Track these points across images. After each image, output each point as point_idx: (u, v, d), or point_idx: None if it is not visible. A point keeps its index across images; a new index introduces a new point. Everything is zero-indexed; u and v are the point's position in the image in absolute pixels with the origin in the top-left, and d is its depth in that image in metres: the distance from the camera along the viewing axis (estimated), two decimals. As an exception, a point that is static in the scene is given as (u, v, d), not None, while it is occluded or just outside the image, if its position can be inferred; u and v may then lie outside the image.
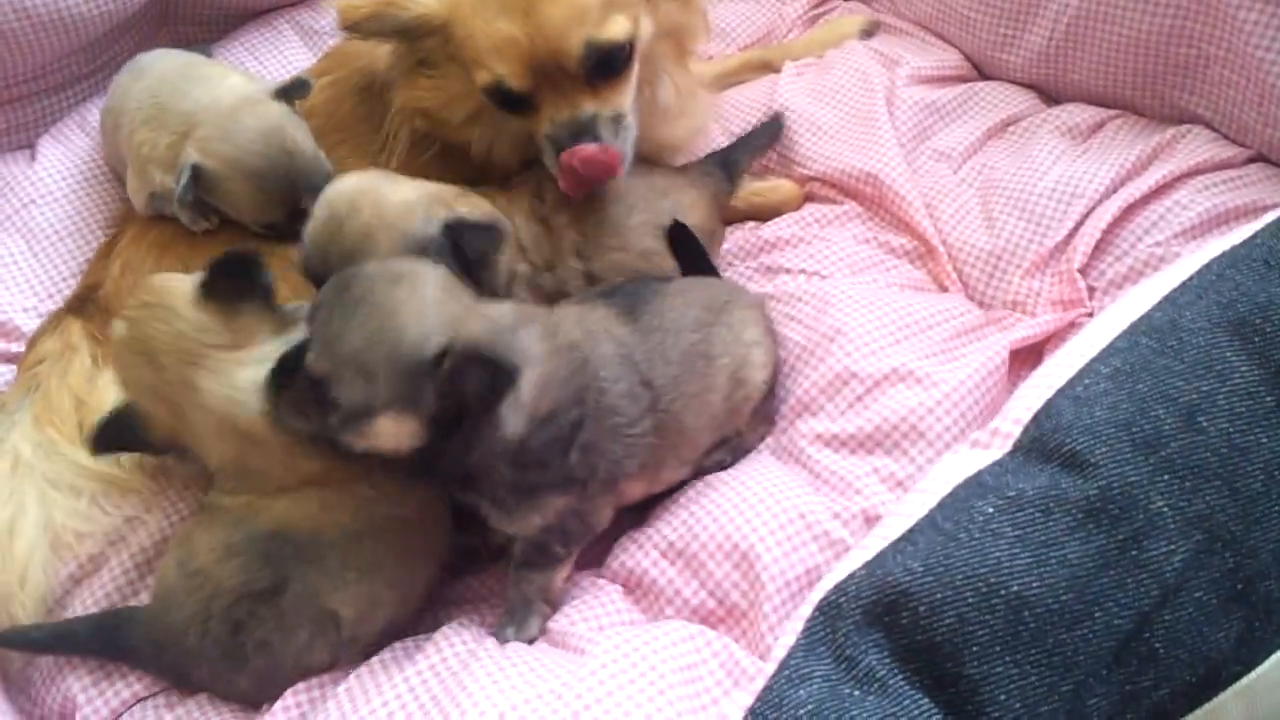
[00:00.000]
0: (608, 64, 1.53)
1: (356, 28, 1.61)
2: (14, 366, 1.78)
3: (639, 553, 1.45)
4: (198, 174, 1.66)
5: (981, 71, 2.11)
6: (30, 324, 1.83)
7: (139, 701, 1.42)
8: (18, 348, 1.80)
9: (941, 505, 1.02)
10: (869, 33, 2.21)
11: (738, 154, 1.91)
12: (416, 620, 1.46)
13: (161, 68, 1.83)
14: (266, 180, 1.66)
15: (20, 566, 1.49)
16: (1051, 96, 2.02)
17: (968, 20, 2.06)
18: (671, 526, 1.45)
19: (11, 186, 2.00)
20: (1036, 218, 1.75)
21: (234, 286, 1.41)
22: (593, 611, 1.40)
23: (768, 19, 2.33)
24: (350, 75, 1.81)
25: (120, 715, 1.42)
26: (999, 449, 1.08)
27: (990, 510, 0.98)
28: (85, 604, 1.50)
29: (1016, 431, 1.07)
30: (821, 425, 1.52)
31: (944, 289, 1.74)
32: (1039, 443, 1.04)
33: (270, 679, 1.35)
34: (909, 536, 1.00)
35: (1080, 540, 0.96)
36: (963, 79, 2.10)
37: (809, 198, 1.96)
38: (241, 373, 1.38)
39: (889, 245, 1.81)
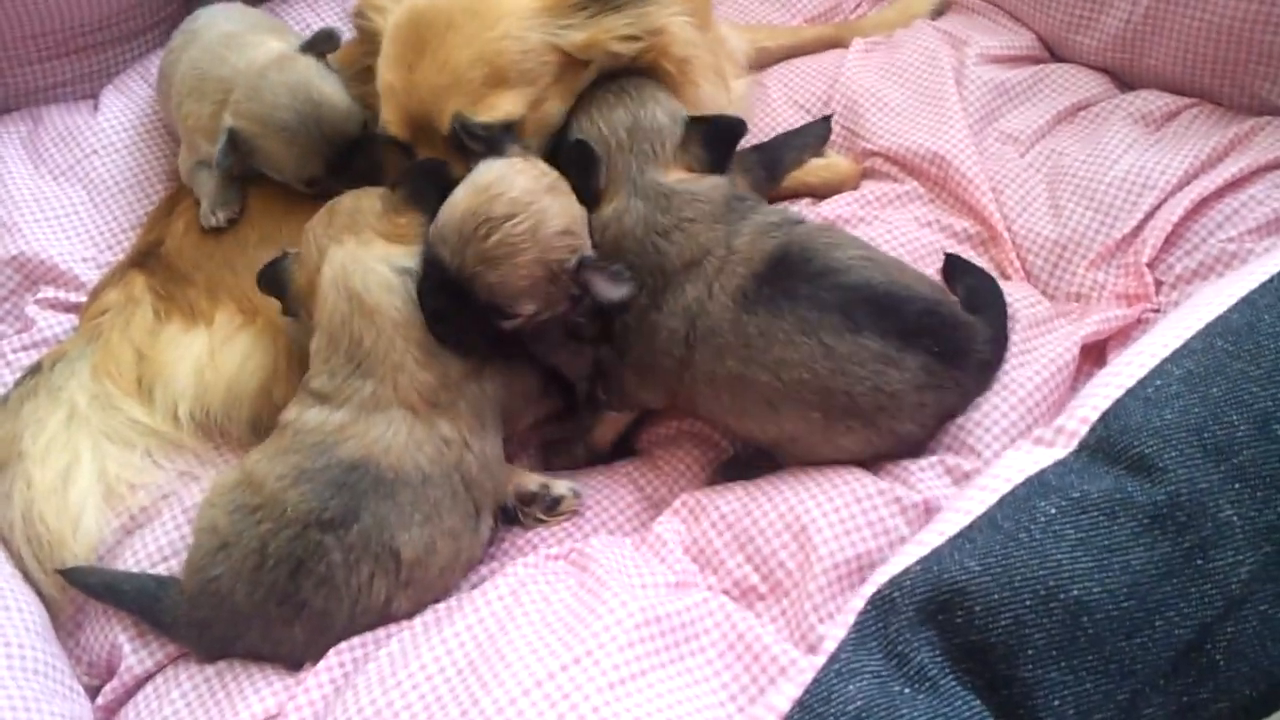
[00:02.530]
0: (483, 142, 1.48)
1: (355, 17, 1.66)
2: (73, 316, 1.80)
3: (691, 520, 1.45)
4: (234, 137, 1.66)
5: (1053, 53, 2.06)
6: (89, 274, 1.85)
7: (182, 655, 1.44)
8: (77, 297, 1.82)
9: (1002, 503, 1.00)
10: (939, 11, 2.17)
11: (781, 153, 1.83)
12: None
13: (207, 36, 1.82)
14: (297, 134, 1.65)
15: (73, 514, 1.52)
16: (1125, 82, 1.97)
17: (1042, 0, 2.01)
18: (726, 500, 1.43)
19: (75, 136, 2.02)
20: (1105, 207, 1.70)
21: (415, 192, 1.49)
22: (642, 567, 1.39)
23: (835, -5, 2.29)
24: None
25: (165, 667, 1.44)
26: (1064, 448, 1.05)
27: (1053, 511, 0.96)
28: (137, 556, 1.52)
29: (1083, 431, 1.05)
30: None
31: (1006, 277, 1.71)
32: (1106, 443, 1.01)
33: (326, 624, 1.35)
34: (967, 534, 0.98)
35: (1145, 546, 0.93)
36: (1034, 60, 2.05)
37: (869, 175, 1.92)
38: (383, 251, 1.45)
39: (951, 229, 1.78)
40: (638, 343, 1.48)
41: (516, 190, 1.38)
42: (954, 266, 1.64)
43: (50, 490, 1.52)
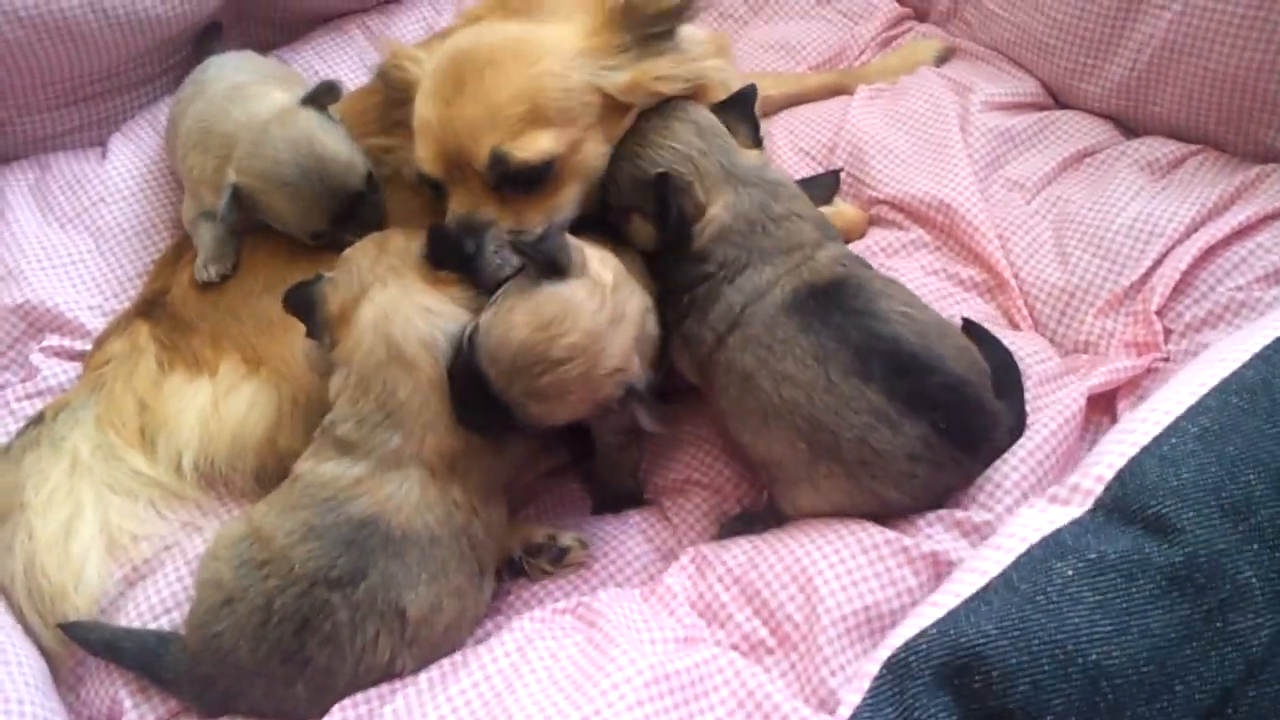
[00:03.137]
0: (517, 180, 1.48)
1: (383, 76, 1.68)
2: (77, 364, 1.79)
3: (698, 573, 1.43)
4: (237, 193, 1.65)
5: (1058, 100, 2.07)
6: (94, 322, 1.84)
7: (183, 711, 1.42)
8: (82, 345, 1.82)
9: (1018, 564, 0.99)
10: (943, 58, 2.18)
11: None
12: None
13: (214, 88, 1.83)
14: (300, 189, 1.64)
15: (75, 566, 1.51)
16: (1130, 128, 1.97)
17: (1047, 47, 2.02)
18: (733, 554, 1.42)
19: (82, 184, 2.02)
20: (1112, 255, 1.70)
21: (433, 258, 1.49)
22: (650, 622, 1.37)
23: (839, 39, 2.30)
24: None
25: (165, 720, 1.42)
26: (1079, 506, 1.04)
27: (1070, 573, 0.94)
28: (139, 608, 1.50)
29: (1098, 489, 1.03)
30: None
31: (1015, 326, 1.70)
32: (1122, 503, 1.00)
33: (330, 682, 1.33)
34: (983, 595, 0.97)
35: (1163, 609, 0.92)
36: (1038, 107, 2.06)
37: (875, 223, 1.92)
38: (427, 301, 1.45)
39: (958, 277, 1.77)
40: (697, 311, 1.49)
41: (578, 333, 1.33)
42: (971, 334, 1.59)
43: (52, 542, 1.51)
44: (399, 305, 1.44)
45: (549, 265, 1.36)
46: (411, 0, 2.40)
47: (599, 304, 1.36)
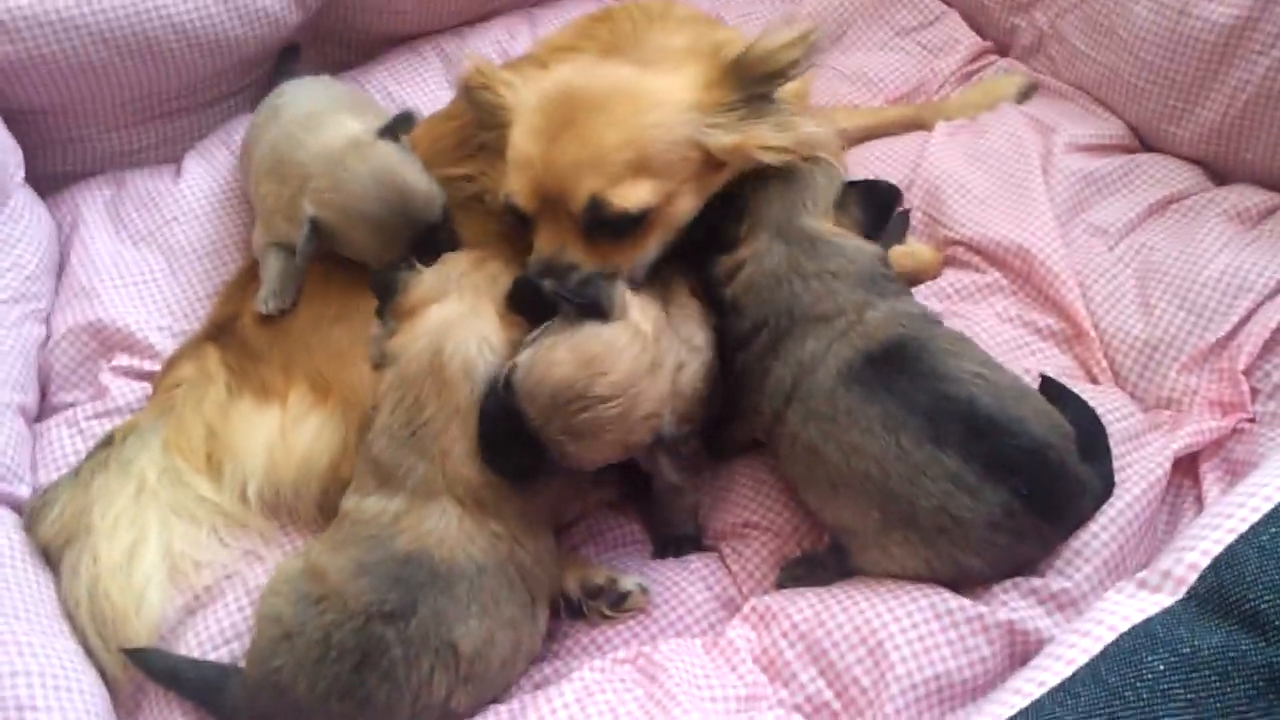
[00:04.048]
0: (612, 225, 1.47)
1: (468, 90, 1.63)
2: (146, 384, 1.80)
3: (762, 626, 1.40)
4: (316, 226, 1.65)
5: (1145, 143, 2.01)
6: (164, 342, 1.85)
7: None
8: (151, 365, 1.83)
9: (1105, 655, 0.95)
10: (1026, 95, 2.12)
11: None
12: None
13: (287, 115, 1.83)
14: (384, 223, 1.64)
15: (137, 592, 1.51)
16: (1220, 175, 1.91)
17: (1135, 89, 1.96)
18: (797, 607, 1.39)
19: (156, 202, 2.04)
20: (1198, 308, 1.65)
21: (514, 305, 1.48)
22: (712, 678, 1.35)
23: (919, 72, 2.26)
24: (466, 120, 1.78)
25: (222, 754, 1.42)
26: (1171, 595, 0.99)
27: (1161, 667, 0.90)
28: (199, 636, 1.50)
29: (1192, 578, 0.99)
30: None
31: (1093, 379, 1.65)
32: (1218, 594, 0.96)
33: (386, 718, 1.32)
34: (1069, 687, 0.93)
35: (1260, 712, 0.87)
36: (1124, 149, 2.00)
37: (950, 264, 1.88)
38: (487, 331, 1.45)
39: (1035, 325, 1.73)
40: (754, 382, 1.48)
41: (619, 373, 1.34)
42: (1050, 391, 1.53)
43: (116, 567, 1.51)
44: (461, 323, 1.45)
45: (591, 309, 1.37)
46: (486, 24, 2.40)
47: (640, 349, 1.37)
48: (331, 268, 1.73)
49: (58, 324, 1.87)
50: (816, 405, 1.41)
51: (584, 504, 1.65)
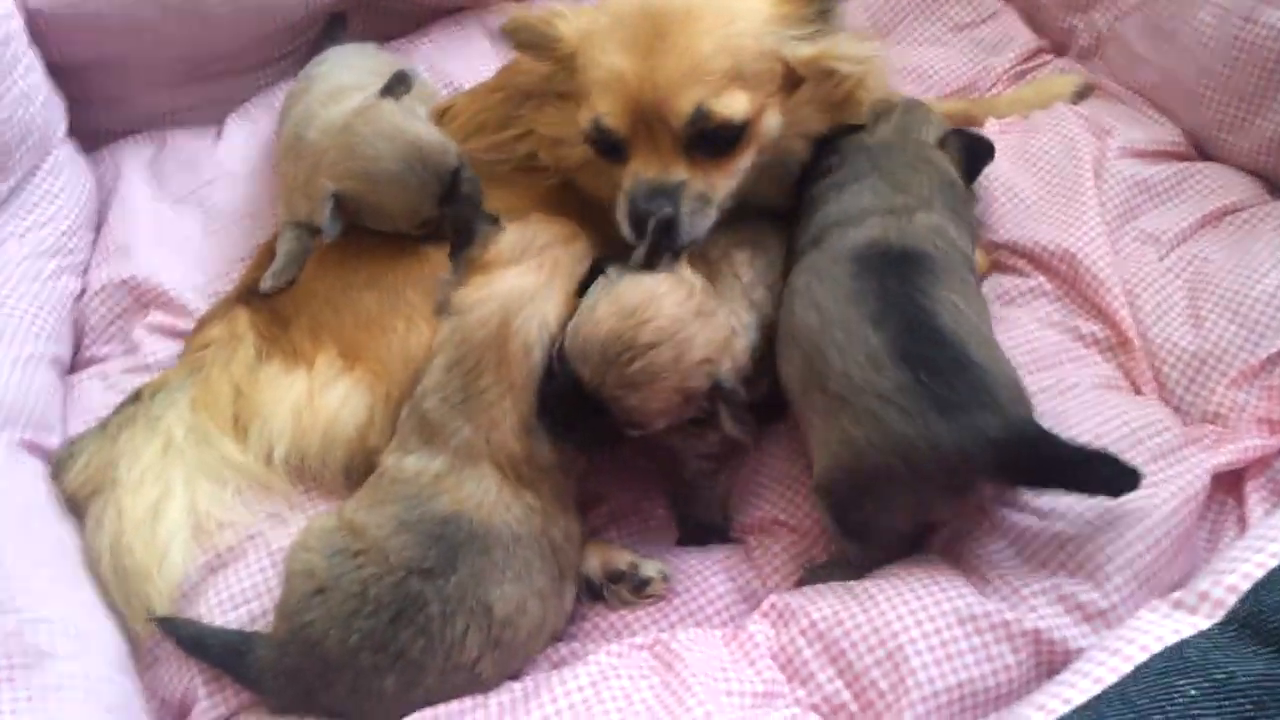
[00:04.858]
0: (712, 138, 1.46)
1: (513, 33, 1.61)
2: (178, 342, 1.81)
3: (781, 624, 1.38)
4: (339, 200, 1.64)
5: (1201, 151, 1.95)
6: (197, 302, 1.86)
7: (254, 704, 1.42)
8: (183, 324, 1.83)
9: (1136, 675, 0.92)
10: (1081, 95, 2.07)
11: None
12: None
13: (317, 90, 1.83)
14: (407, 179, 1.64)
15: (161, 548, 1.51)
16: (1278, 187, 1.86)
17: (1194, 95, 1.91)
18: (817, 605, 1.37)
19: (196, 162, 2.04)
20: (1250, 323, 1.60)
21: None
22: (729, 671, 1.33)
23: (972, 68, 2.21)
24: (511, 91, 1.78)
25: (237, 714, 1.42)
26: (1207, 617, 0.96)
27: (1194, 693, 0.87)
28: (219, 596, 1.50)
29: (1231, 600, 0.96)
30: (999, 530, 1.40)
31: (1137, 390, 1.61)
32: (1257, 619, 0.93)
33: (418, 678, 1.32)
34: (1095, 706, 0.90)
35: (1297, 742, 0.84)
36: (1180, 157, 1.94)
37: (993, 266, 1.84)
38: (554, 308, 1.45)
39: (1078, 332, 1.69)
40: (805, 217, 1.56)
41: (664, 317, 1.35)
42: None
43: (140, 521, 1.51)
44: (534, 298, 1.45)
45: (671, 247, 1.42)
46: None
47: (685, 294, 1.38)
48: (363, 235, 1.72)
49: (94, 279, 1.88)
50: (819, 261, 1.46)
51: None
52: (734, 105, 1.44)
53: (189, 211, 1.98)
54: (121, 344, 1.83)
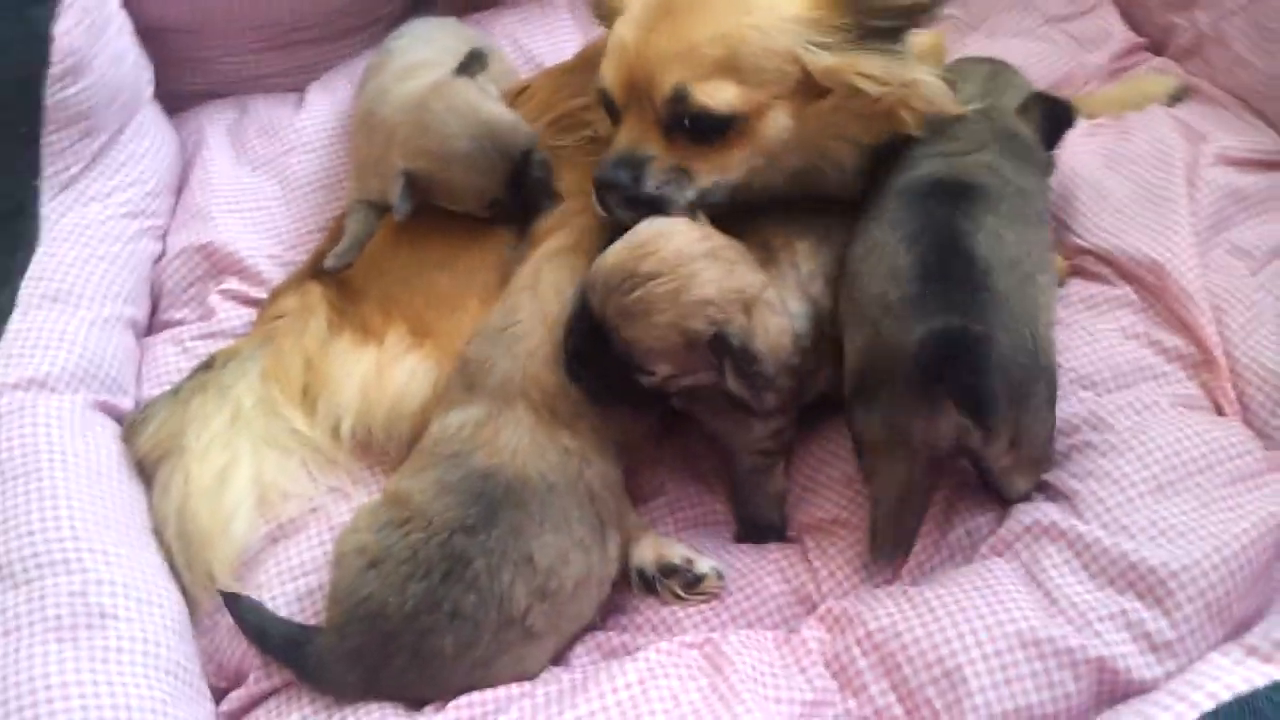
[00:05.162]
0: (693, 124, 1.44)
1: (595, 5, 1.63)
2: (251, 310, 1.83)
3: (836, 630, 1.37)
4: (410, 179, 1.65)
5: (1302, 162, 1.88)
6: (272, 271, 1.87)
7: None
8: (257, 292, 1.85)
9: (1204, 723, 0.89)
10: (1177, 98, 2.00)
11: None
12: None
13: (393, 65, 1.84)
14: (477, 158, 1.64)
15: (225, 516, 1.53)
16: (1383, 204, 1.78)
17: (1298, 101, 1.84)
18: (874, 614, 1.35)
19: (277, 129, 2.05)
20: (1346, 347, 1.54)
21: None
22: (779, 677, 1.33)
23: (1065, 64, 2.14)
24: (586, 71, 1.75)
25: (290, 684, 1.44)
26: (1281, 666, 0.93)
27: (1263, 746, 0.84)
28: (279, 566, 1.52)
29: (1308, 650, 0.92)
30: (1069, 547, 1.37)
31: (1219, 410, 1.56)
32: (1336, 673, 0.89)
33: (475, 636, 1.34)
34: (1158, 753, 0.87)
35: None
36: (1277, 166, 1.86)
37: (1076, 272, 1.78)
38: (583, 263, 1.50)
39: (1161, 345, 1.63)
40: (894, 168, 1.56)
41: (668, 251, 1.38)
42: None
43: (206, 489, 1.54)
44: (561, 253, 1.56)
45: (654, 204, 1.45)
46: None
47: (698, 236, 1.40)
48: (437, 214, 1.72)
49: (173, 243, 1.90)
50: (877, 203, 1.50)
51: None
52: (717, 95, 1.41)
53: (267, 179, 1.99)
54: (197, 309, 1.85)
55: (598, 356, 1.40)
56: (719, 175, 1.49)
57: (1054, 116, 1.67)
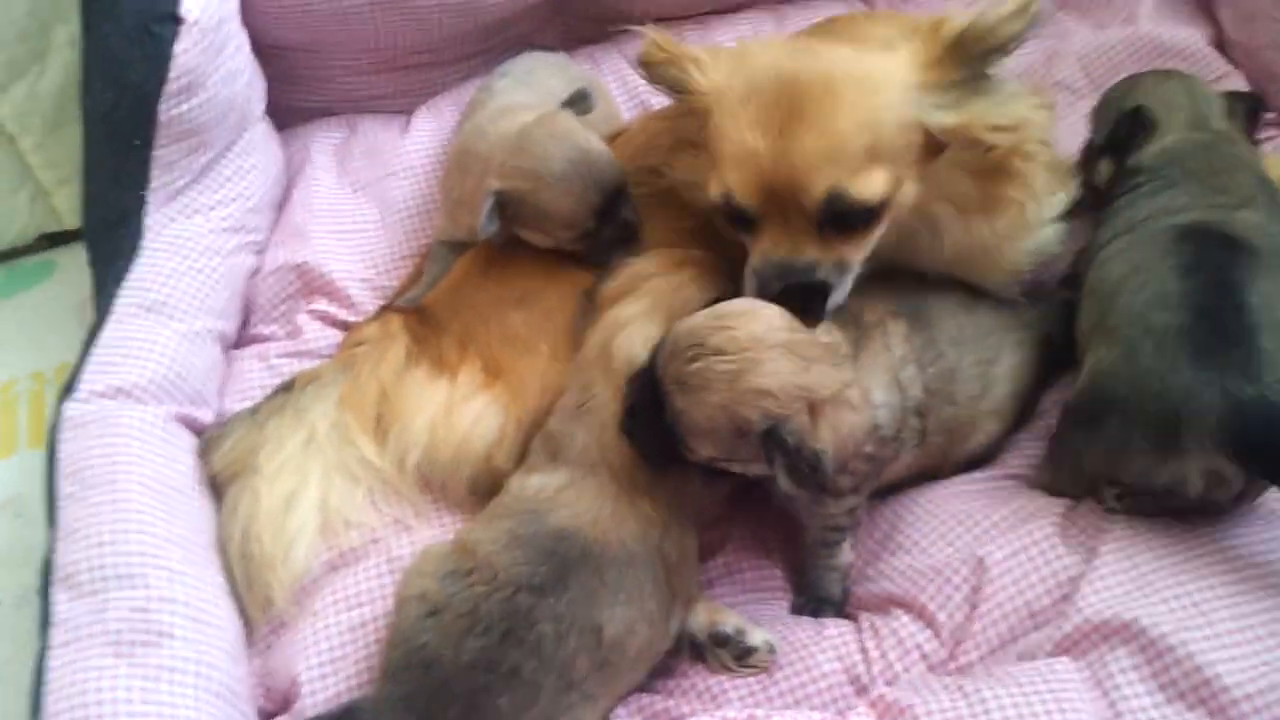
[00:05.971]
0: (846, 219, 1.37)
1: (649, 68, 1.53)
2: (338, 332, 1.86)
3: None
4: (501, 200, 1.65)
5: None
6: (361, 295, 1.90)
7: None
8: (345, 315, 1.88)
9: None
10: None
11: None
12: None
13: (492, 105, 1.86)
14: (572, 182, 1.64)
15: (288, 540, 1.55)
16: None
17: None
18: (927, 708, 1.30)
19: (381, 152, 2.08)
20: None
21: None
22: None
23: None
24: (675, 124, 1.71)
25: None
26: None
27: None
28: (335, 595, 1.53)
29: None
30: (1140, 652, 1.31)
31: None
32: None
33: (532, 699, 1.31)
34: None
35: None
36: None
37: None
38: (654, 332, 1.47)
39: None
40: (1109, 219, 1.62)
41: (743, 331, 1.31)
42: None
43: (273, 511, 1.56)
44: (633, 321, 1.50)
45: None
46: (732, 16, 2.33)
47: (781, 325, 1.33)
48: (523, 251, 1.72)
49: (270, 259, 1.94)
50: (1137, 234, 1.52)
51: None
52: (872, 186, 1.36)
53: (367, 202, 2.02)
54: (285, 326, 1.88)
55: (652, 418, 1.36)
56: (863, 254, 1.44)
57: (1254, 113, 1.75)
